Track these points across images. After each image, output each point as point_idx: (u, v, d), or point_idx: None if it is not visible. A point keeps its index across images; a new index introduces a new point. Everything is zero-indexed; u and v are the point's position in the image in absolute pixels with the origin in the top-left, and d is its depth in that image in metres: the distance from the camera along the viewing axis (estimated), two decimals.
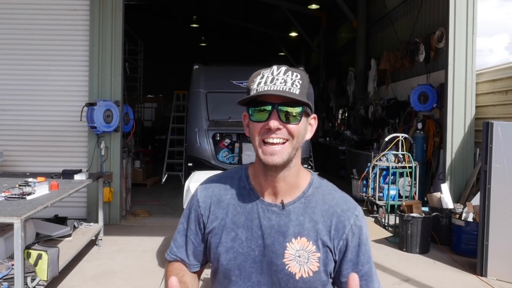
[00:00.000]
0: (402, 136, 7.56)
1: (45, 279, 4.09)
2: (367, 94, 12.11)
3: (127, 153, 8.36)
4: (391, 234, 6.69)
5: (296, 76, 1.26)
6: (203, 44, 24.20)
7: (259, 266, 1.31)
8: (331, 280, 1.36)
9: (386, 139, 7.93)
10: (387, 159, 7.37)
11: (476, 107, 7.02)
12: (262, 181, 1.34)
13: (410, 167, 7.19)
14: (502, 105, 6.85)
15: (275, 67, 1.28)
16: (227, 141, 8.46)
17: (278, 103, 1.23)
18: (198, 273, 1.49)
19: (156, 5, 18.20)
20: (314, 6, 15.47)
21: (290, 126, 1.24)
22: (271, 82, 1.24)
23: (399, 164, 7.34)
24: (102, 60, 7.10)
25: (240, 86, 8.31)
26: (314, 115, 1.34)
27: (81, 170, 5.92)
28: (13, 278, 3.66)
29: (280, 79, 1.24)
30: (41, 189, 4.51)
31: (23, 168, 6.78)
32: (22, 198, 4.21)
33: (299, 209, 1.32)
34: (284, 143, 1.25)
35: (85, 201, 7.17)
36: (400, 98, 9.95)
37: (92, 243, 5.93)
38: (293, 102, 1.23)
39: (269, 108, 1.23)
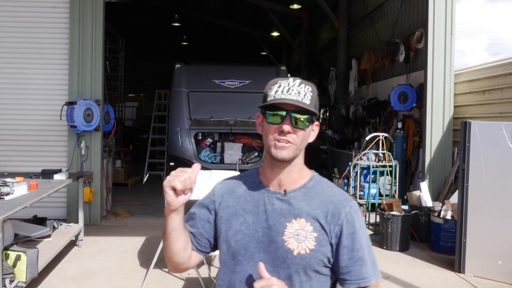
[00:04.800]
0: (382, 136, 7.64)
1: (24, 281, 4.04)
2: (348, 94, 12.21)
3: (108, 153, 8.28)
4: (371, 232, 6.78)
5: (308, 88, 1.47)
6: (184, 43, 24.07)
7: (261, 246, 1.48)
8: (329, 266, 1.49)
9: (367, 138, 8.01)
10: (367, 158, 7.45)
11: (455, 107, 7.14)
12: (268, 174, 1.54)
13: (390, 166, 7.27)
14: (479, 105, 6.99)
15: (291, 79, 1.48)
16: (209, 140, 8.44)
17: (291, 110, 1.44)
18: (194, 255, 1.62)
19: (138, 3, 18.02)
20: (295, 6, 15.51)
21: (298, 130, 1.45)
22: (287, 91, 1.44)
23: (380, 163, 7.42)
24: (82, 58, 7.02)
25: (222, 85, 8.25)
26: (317, 122, 1.55)
27: (60, 170, 5.85)
28: None
29: (295, 90, 1.45)
30: (19, 189, 4.44)
31: (0, 168, 6.64)
32: (0, 198, 4.13)
33: (300, 196, 1.52)
34: (292, 143, 1.45)
35: (65, 201, 7.07)
36: (381, 97, 10.07)
37: (72, 244, 5.86)
38: (303, 110, 1.44)
39: (283, 113, 1.44)
